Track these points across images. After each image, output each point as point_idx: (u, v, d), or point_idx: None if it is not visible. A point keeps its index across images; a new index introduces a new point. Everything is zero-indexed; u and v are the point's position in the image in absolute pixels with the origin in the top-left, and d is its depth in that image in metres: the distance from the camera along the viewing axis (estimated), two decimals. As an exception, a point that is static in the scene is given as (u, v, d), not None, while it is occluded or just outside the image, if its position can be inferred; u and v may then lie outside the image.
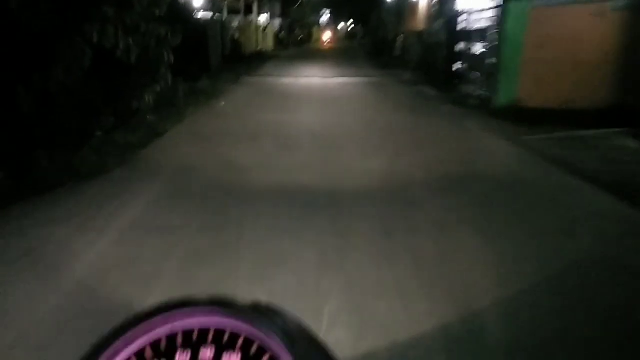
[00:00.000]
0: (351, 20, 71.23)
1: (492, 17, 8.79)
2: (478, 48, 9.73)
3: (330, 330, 1.91)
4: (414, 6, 17.57)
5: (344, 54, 24.61)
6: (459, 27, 10.92)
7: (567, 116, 7.04)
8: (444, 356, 1.80)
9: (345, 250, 2.64)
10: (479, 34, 9.67)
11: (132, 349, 0.44)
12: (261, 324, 0.43)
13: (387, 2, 23.80)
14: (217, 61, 14.21)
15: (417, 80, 11.89)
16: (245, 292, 2.11)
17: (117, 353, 0.43)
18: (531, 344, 1.86)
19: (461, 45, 10.89)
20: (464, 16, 10.72)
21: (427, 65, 13.30)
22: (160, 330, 0.45)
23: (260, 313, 0.45)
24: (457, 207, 3.36)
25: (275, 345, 0.42)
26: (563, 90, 7.32)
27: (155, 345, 0.44)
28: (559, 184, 3.86)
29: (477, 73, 9.52)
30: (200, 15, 18.19)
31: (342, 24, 69.89)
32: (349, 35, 50.39)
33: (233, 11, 23.15)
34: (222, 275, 2.37)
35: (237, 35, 18.78)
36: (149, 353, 0.44)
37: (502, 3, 7.55)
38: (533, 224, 3.05)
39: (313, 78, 12.50)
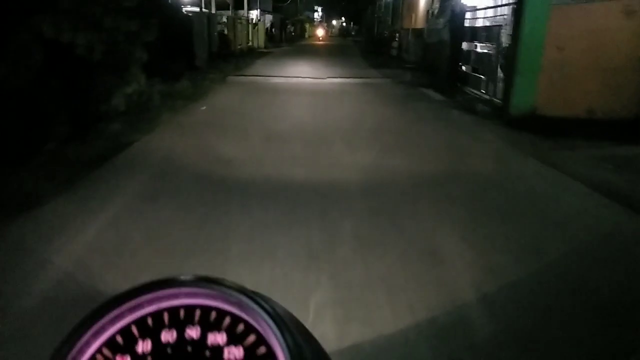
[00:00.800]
0: (343, 18, 70.65)
1: (505, 14, 7.97)
2: (487, 48, 8.92)
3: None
4: (413, 3, 16.73)
5: (337, 52, 23.69)
6: (464, 25, 10.11)
7: (591, 127, 6.25)
8: None
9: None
10: (489, 33, 8.86)
11: (118, 327, 0.43)
12: (248, 305, 0.42)
13: (383, -1, 22.97)
14: (203, 58, 13.29)
15: (418, 82, 11.06)
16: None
17: (103, 330, 0.43)
18: None
19: (467, 45, 10.08)
20: (471, 13, 9.90)
21: (429, 65, 12.48)
22: (147, 309, 0.44)
23: (248, 295, 0.43)
24: (503, 265, 2.52)
25: (262, 326, 0.41)
26: (586, 98, 6.52)
27: (141, 323, 0.44)
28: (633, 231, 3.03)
29: (486, 75, 8.71)
30: (188, 9, 17.23)
31: (334, 21, 69.06)
32: (342, 33, 49.39)
33: (222, 6, 22.17)
34: None
35: (226, 31, 17.83)
36: (134, 331, 0.43)
37: (519, -1, 6.71)
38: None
39: (306, 78, 11.62)
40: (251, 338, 0.41)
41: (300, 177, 3.99)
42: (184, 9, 16.59)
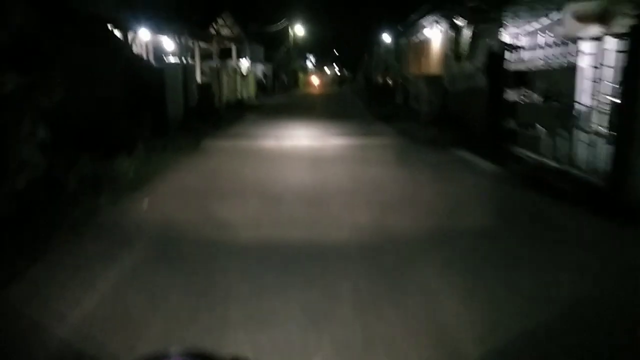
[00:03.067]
0: (336, 66, 69.74)
1: (582, 51, 5.66)
2: (549, 98, 6.57)
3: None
4: (422, 46, 14.68)
5: (336, 102, 21.57)
6: (506, 69, 7.82)
7: None
8: None
9: None
10: (552, 78, 6.53)
11: None
12: None
13: (384, 43, 21.09)
14: (177, 117, 10.96)
15: (446, 141, 8.66)
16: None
17: None
18: None
19: (512, 93, 7.76)
20: (516, 54, 7.63)
21: (453, 118, 10.17)
22: None
23: None
24: None
25: None
26: None
27: None
28: None
29: (550, 134, 6.31)
30: (172, 60, 15.10)
31: (327, 69, 68.11)
32: (338, 80, 47.71)
33: (207, 55, 20.22)
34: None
35: (212, 83, 15.65)
36: None
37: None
38: None
39: (303, 139, 9.22)
40: None
41: None
42: (166, 59, 14.40)
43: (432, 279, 2.91)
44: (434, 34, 12.82)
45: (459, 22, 10.26)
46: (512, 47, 7.85)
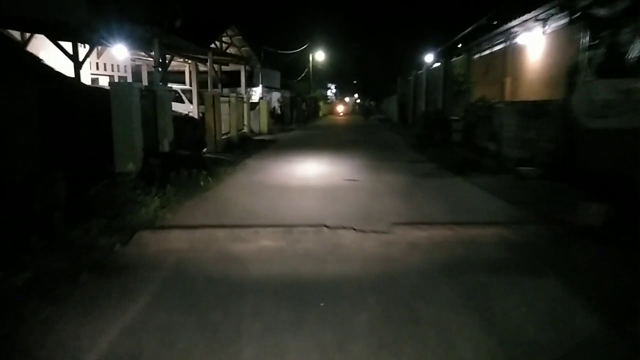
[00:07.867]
0: (356, 95, 65.82)
1: None
2: None
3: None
4: (503, 60, 10.36)
5: (368, 138, 17.06)
6: None
7: None
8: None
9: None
10: None
11: None
12: None
13: (427, 64, 16.83)
14: (131, 170, 6.77)
15: (630, 237, 4.21)
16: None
17: None
18: None
19: None
20: None
21: (600, 178, 5.73)
22: None
23: None
24: None
25: None
26: None
27: None
28: None
29: None
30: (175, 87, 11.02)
31: (347, 98, 64.19)
32: (363, 111, 42.67)
33: (228, 84, 16.28)
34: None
35: (206, 115, 11.53)
36: None
37: None
38: None
39: (335, 222, 4.86)
40: None
41: None
42: (173, 87, 10.02)
43: None
44: (532, 39, 8.52)
45: (604, 11, 5.92)
46: None
